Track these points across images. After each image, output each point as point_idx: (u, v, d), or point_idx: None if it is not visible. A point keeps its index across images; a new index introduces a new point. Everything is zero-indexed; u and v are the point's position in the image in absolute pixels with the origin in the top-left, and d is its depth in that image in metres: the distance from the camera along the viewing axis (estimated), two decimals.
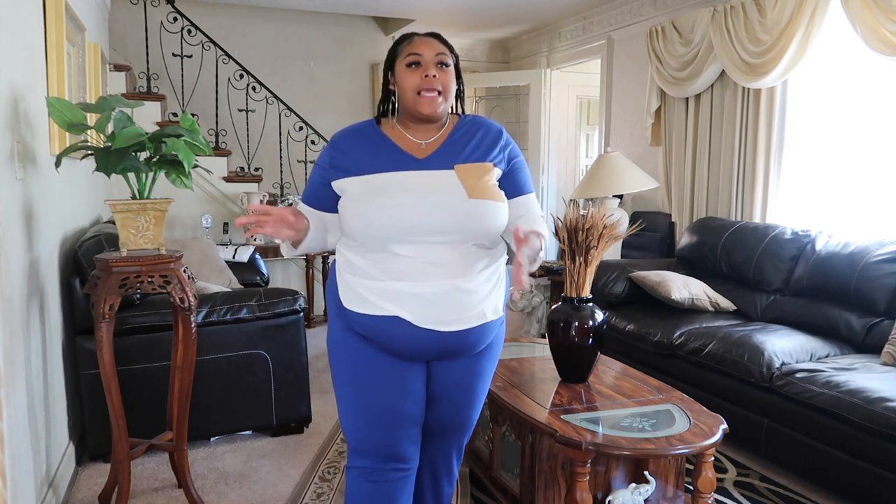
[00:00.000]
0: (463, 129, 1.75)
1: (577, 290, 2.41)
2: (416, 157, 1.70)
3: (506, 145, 1.78)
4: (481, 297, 1.68)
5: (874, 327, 3.08)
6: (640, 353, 3.57)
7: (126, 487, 2.32)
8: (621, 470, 2.20)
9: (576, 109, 6.77)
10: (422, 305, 1.63)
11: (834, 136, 3.86)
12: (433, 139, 1.72)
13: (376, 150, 1.71)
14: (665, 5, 4.82)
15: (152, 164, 2.23)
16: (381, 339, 1.68)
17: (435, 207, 1.62)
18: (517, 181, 1.80)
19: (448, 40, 1.75)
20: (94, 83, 3.68)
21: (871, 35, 3.17)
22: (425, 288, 1.62)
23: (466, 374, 1.78)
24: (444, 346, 1.68)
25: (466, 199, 1.63)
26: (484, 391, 1.85)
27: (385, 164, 1.68)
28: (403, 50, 1.71)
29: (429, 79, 1.66)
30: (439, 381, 1.77)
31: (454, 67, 1.73)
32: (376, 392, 1.71)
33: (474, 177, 1.66)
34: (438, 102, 1.67)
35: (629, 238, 4.56)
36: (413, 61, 1.68)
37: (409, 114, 1.71)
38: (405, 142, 1.72)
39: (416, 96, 1.66)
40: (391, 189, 1.64)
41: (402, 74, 1.69)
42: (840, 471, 2.52)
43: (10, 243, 1.91)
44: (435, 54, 1.68)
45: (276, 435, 3.16)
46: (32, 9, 2.36)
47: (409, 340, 1.66)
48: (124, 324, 2.76)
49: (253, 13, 5.86)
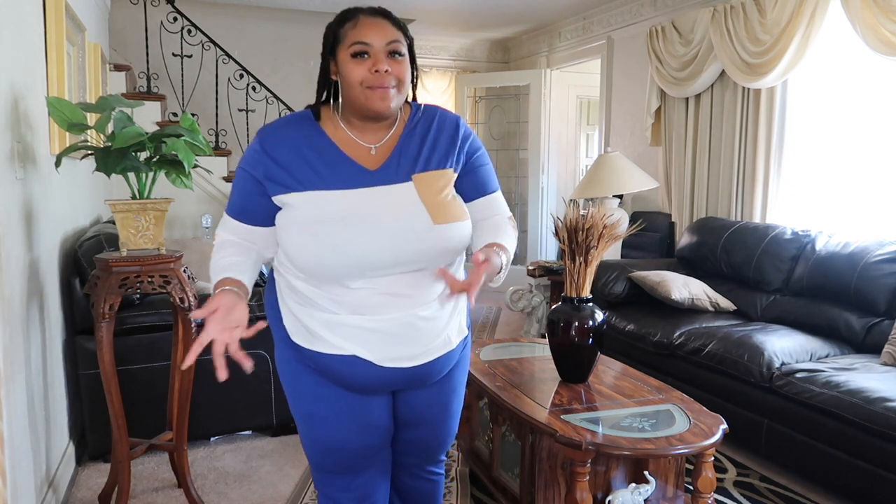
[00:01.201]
0: (416, 125, 1.48)
1: (577, 290, 2.41)
2: (367, 167, 1.42)
3: (464, 139, 1.51)
4: (444, 322, 1.50)
5: (874, 327, 3.08)
6: (640, 353, 3.57)
7: (126, 487, 2.32)
8: (621, 470, 2.20)
9: (576, 109, 6.77)
10: (382, 341, 1.43)
11: (834, 136, 3.86)
12: (384, 141, 1.45)
13: (317, 158, 1.41)
14: (665, 5, 4.82)
15: (152, 164, 2.23)
16: (339, 377, 1.48)
17: (396, 238, 1.37)
18: (480, 179, 1.55)
19: (398, 19, 1.45)
20: (94, 83, 3.68)
21: (871, 35, 3.17)
22: (384, 323, 1.42)
23: (440, 393, 1.61)
24: (409, 378, 1.51)
25: (432, 227, 1.39)
26: (459, 405, 1.70)
27: (329, 179, 1.39)
28: (347, 35, 1.39)
29: (379, 75, 1.36)
30: (410, 407, 1.60)
31: (409, 52, 1.43)
32: (336, 430, 1.52)
33: (436, 191, 1.42)
34: (391, 97, 1.38)
35: (629, 238, 4.56)
36: (359, 51, 1.37)
37: (355, 110, 1.42)
38: (351, 146, 1.43)
39: (365, 90, 1.37)
40: (342, 217, 1.37)
41: (347, 65, 1.38)
42: (840, 471, 2.52)
43: (10, 243, 1.91)
44: (386, 42, 1.38)
45: (276, 435, 3.16)
46: (32, 9, 2.35)
47: (371, 378, 1.47)
48: (124, 324, 2.76)
49: (253, 13, 5.86)
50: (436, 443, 1.71)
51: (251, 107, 5.33)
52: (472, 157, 1.53)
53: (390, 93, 1.38)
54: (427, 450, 1.72)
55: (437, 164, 1.46)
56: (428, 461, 1.75)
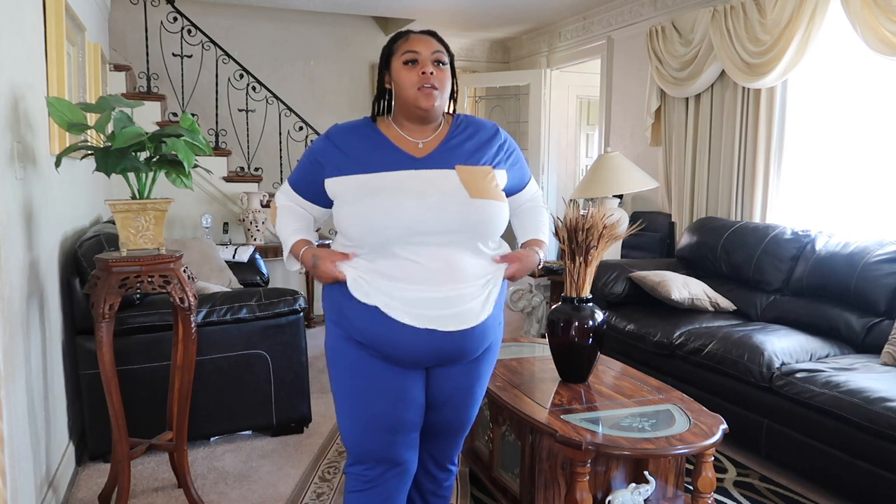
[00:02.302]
0: (460, 130, 1.75)
1: (577, 290, 2.41)
2: (415, 156, 1.69)
3: (504, 142, 1.79)
4: (481, 300, 1.68)
5: (874, 327, 3.08)
6: (640, 353, 3.57)
7: (126, 487, 2.32)
8: (621, 470, 2.20)
9: (576, 109, 6.77)
10: (421, 307, 1.62)
11: (834, 136, 3.86)
12: (430, 139, 1.72)
13: (373, 149, 1.69)
14: (665, 5, 4.82)
15: (152, 164, 2.23)
16: (380, 344, 1.66)
17: (437, 207, 1.61)
18: (520, 173, 1.84)
19: (445, 39, 1.75)
20: (94, 83, 3.68)
21: (871, 35, 3.17)
22: (425, 291, 1.61)
23: (466, 379, 1.78)
24: (443, 349, 1.67)
25: (469, 199, 1.63)
26: (482, 393, 1.86)
27: (383, 164, 1.66)
28: (400, 48, 1.70)
29: (426, 76, 1.65)
30: (440, 387, 1.77)
31: (450, 66, 1.72)
32: (375, 401, 1.70)
33: (476, 178, 1.66)
34: (436, 96, 1.67)
35: (629, 238, 4.56)
36: (410, 59, 1.67)
37: (405, 112, 1.71)
38: (402, 141, 1.71)
39: (415, 91, 1.65)
40: (391, 189, 1.62)
41: (400, 72, 1.68)
42: (840, 471, 2.52)
43: (10, 243, 1.91)
44: (432, 52, 1.67)
45: (276, 435, 3.16)
46: (32, 9, 2.36)
47: (408, 344, 1.64)
48: (124, 324, 2.76)
49: (253, 13, 5.86)
50: (454, 426, 1.85)
51: (251, 107, 5.33)
52: (511, 157, 1.81)
53: (434, 93, 1.66)
54: (444, 431, 1.85)
55: (477, 162, 1.71)
56: (442, 453, 1.90)
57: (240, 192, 5.25)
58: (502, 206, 1.69)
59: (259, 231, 5.15)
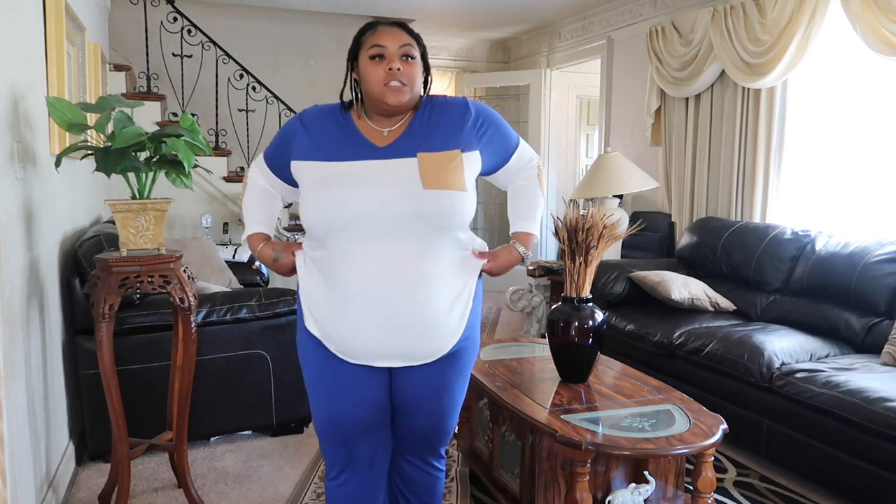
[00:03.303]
0: (426, 115, 1.67)
1: (577, 290, 2.41)
2: (377, 145, 1.63)
3: (475, 118, 1.69)
4: (446, 301, 1.62)
5: (874, 327, 3.08)
6: (640, 353, 3.57)
7: (126, 487, 2.32)
8: (621, 470, 2.20)
9: (576, 109, 6.77)
10: (374, 307, 1.58)
11: (834, 136, 3.86)
12: (396, 126, 1.66)
13: (338, 136, 1.65)
14: (665, 5, 4.82)
15: (152, 164, 2.23)
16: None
17: (386, 198, 1.55)
18: (499, 143, 1.74)
19: (413, 29, 1.67)
20: (94, 83, 3.68)
21: (871, 35, 3.17)
22: (376, 289, 1.57)
23: (431, 383, 1.71)
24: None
25: (422, 190, 1.56)
26: (455, 402, 1.78)
27: (343, 153, 1.62)
28: (367, 41, 1.63)
29: (392, 72, 1.57)
30: (403, 391, 1.72)
31: (421, 58, 1.65)
32: (334, 400, 1.69)
33: (437, 165, 1.59)
34: (404, 93, 1.59)
35: (629, 238, 4.55)
36: (376, 53, 1.59)
37: (373, 105, 1.64)
38: (368, 130, 1.66)
39: (382, 88, 1.59)
40: (342, 180, 1.58)
41: (366, 67, 1.61)
42: (840, 471, 2.52)
43: (10, 243, 1.91)
44: (399, 46, 1.60)
45: (276, 435, 3.16)
46: (32, 9, 2.35)
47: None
48: (124, 324, 2.76)
49: (253, 13, 5.86)
50: (434, 431, 1.79)
51: (251, 107, 5.33)
52: (486, 133, 1.70)
53: (403, 89, 1.59)
54: (426, 438, 1.81)
55: (444, 146, 1.63)
56: (428, 451, 1.84)
57: (240, 192, 5.23)
58: (460, 197, 1.59)
59: None
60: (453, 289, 1.65)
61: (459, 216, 1.61)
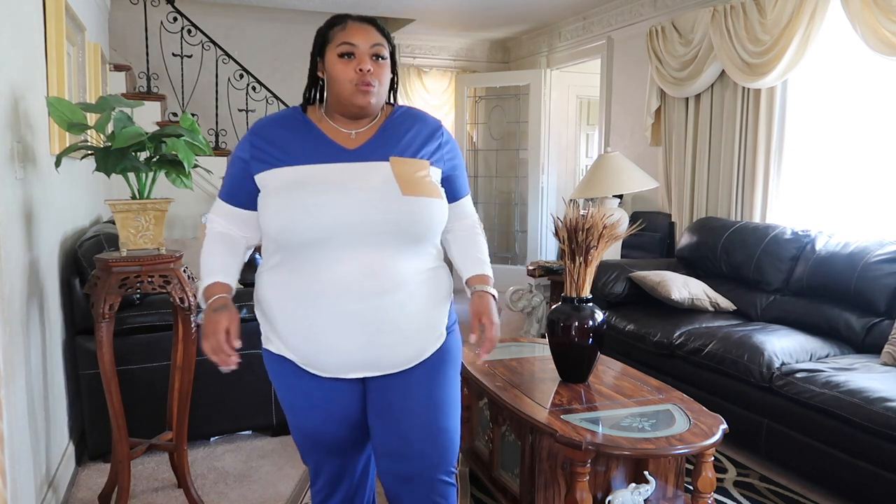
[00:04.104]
0: (397, 120, 1.60)
1: (577, 290, 2.41)
2: (346, 147, 1.54)
3: (445, 142, 1.62)
4: (416, 312, 1.54)
5: (874, 327, 3.07)
6: (640, 353, 3.57)
7: (126, 487, 2.32)
8: (621, 470, 2.20)
9: (576, 109, 6.77)
10: (344, 316, 1.48)
11: (834, 136, 3.86)
12: (364, 129, 1.57)
13: (301, 139, 1.54)
14: (665, 5, 4.82)
15: (152, 164, 2.23)
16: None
17: (363, 205, 1.46)
18: (456, 185, 1.67)
19: (383, 27, 1.59)
20: (94, 83, 3.68)
21: (871, 35, 3.17)
22: (350, 302, 1.47)
23: (404, 394, 1.57)
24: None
25: (400, 197, 1.47)
26: (449, 401, 1.61)
27: (310, 155, 1.51)
28: (336, 36, 1.53)
29: (363, 74, 1.49)
30: (374, 403, 1.60)
31: (390, 58, 1.56)
32: (306, 417, 1.63)
33: (411, 172, 1.51)
34: (373, 94, 1.51)
35: (629, 238, 4.55)
36: (346, 52, 1.50)
37: (339, 106, 1.54)
38: (333, 132, 1.56)
39: (351, 87, 1.50)
40: (313, 183, 1.47)
41: (335, 65, 1.51)
42: (840, 471, 2.52)
43: (10, 243, 1.91)
44: (371, 45, 1.51)
45: (276, 435, 3.16)
46: (32, 9, 2.35)
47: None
48: (124, 324, 2.76)
49: (253, 13, 5.86)
50: (403, 454, 1.58)
51: (251, 107, 5.32)
52: (451, 163, 1.64)
53: (371, 90, 1.50)
54: (423, 450, 1.58)
55: (415, 155, 1.56)
56: (431, 468, 1.60)
57: None
58: (439, 204, 1.54)
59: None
60: (428, 297, 1.57)
61: (438, 224, 1.55)
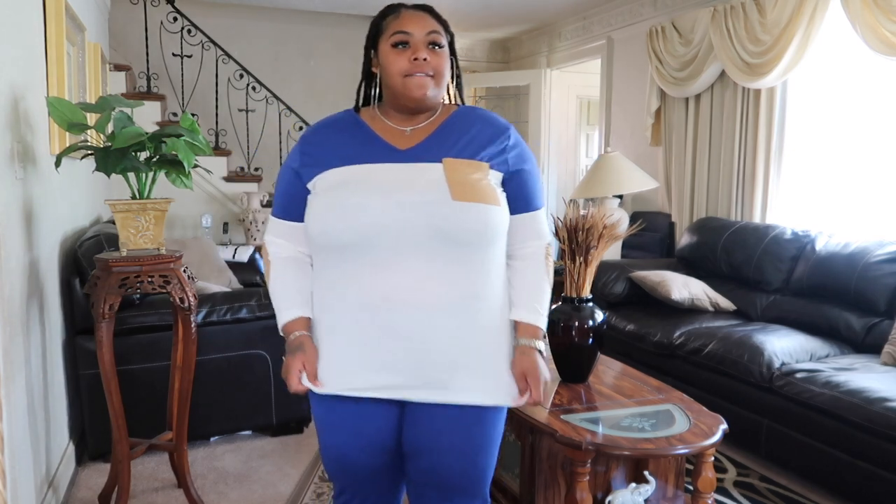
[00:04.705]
0: (459, 119, 1.46)
1: (577, 290, 2.41)
2: (397, 147, 1.42)
3: (512, 146, 1.45)
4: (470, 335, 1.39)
5: (874, 327, 3.07)
6: (640, 353, 3.57)
7: (126, 487, 2.32)
8: (621, 470, 2.20)
9: (576, 109, 6.77)
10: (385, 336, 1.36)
11: (834, 136, 3.85)
12: (420, 126, 1.45)
13: (350, 140, 1.44)
14: (665, 5, 4.82)
15: (152, 163, 2.23)
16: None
17: (407, 209, 1.33)
18: (521, 193, 1.46)
19: (440, 14, 1.48)
20: (94, 83, 3.68)
21: (871, 35, 3.17)
22: (392, 315, 1.35)
23: (456, 422, 1.43)
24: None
25: (449, 202, 1.33)
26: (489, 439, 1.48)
27: (357, 155, 1.41)
28: (389, 26, 1.42)
29: (418, 63, 1.37)
30: (418, 428, 1.45)
31: (448, 47, 1.45)
32: (334, 437, 1.49)
33: (465, 174, 1.37)
34: (428, 86, 1.39)
35: (629, 238, 4.55)
36: (400, 41, 1.39)
37: (394, 101, 1.44)
38: (386, 130, 1.45)
39: (404, 80, 1.38)
40: (355, 184, 1.36)
41: (388, 56, 1.40)
42: (840, 471, 2.52)
43: (10, 243, 1.91)
44: (426, 33, 1.40)
45: (276, 435, 3.16)
46: (32, 9, 2.35)
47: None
48: (124, 324, 2.76)
49: (253, 13, 5.86)
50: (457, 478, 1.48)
51: (251, 107, 5.33)
52: (520, 168, 1.46)
53: (428, 82, 1.39)
54: (452, 482, 1.49)
55: (472, 157, 1.41)
56: (465, 499, 1.53)
57: (240, 192, 5.25)
58: (496, 211, 1.37)
59: (259, 231, 5.16)
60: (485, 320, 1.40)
61: (492, 232, 1.38)
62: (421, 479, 1.50)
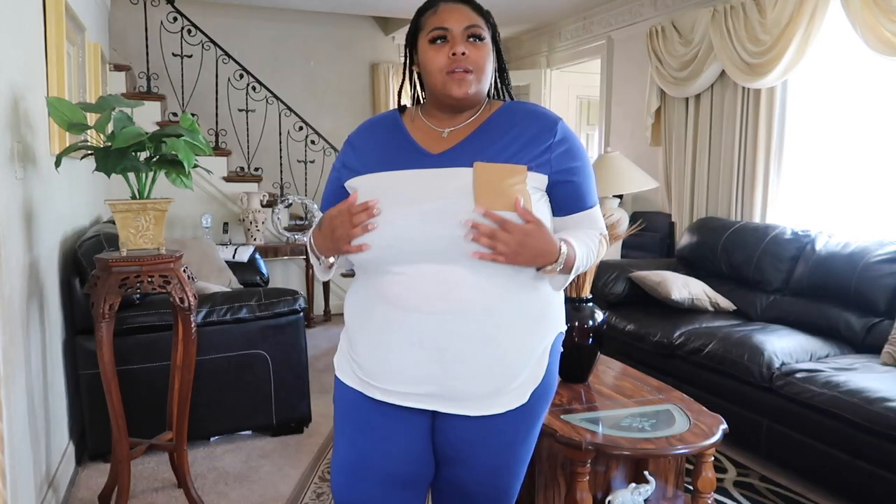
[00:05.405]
0: (501, 117, 1.39)
1: (577, 290, 2.41)
2: (430, 151, 1.36)
3: (558, 142, 1.35)
4: (499, 346, 1.32)
5: (874, 327, 3.08)
6: (640, 353, 3.57)
7: (126, 487, 2.32)
8: (621, 470, 2.20)
9: (576, 109, 6.77)
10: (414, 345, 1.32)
11: (834, 136, 3.85)
12: (460, 127, 1.38)
13: (384, 143, 1.40)
14: (665, 5, 4.82)
15: (152, 163, 2.23)
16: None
17: (429, 218, 1.27)
18: (574, 193, 1.39)
19: (481, 6, 1.41)
20: (94, 83, 3.68)
21: (871, 35, 3.17)
22: (420, 325, 1.31)
23: (479, 442, 1.40)
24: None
25: (470, 211, 1.26)
26: (505, 481, 1.45)
27: (388, 161, 1.36)
28: (427, 22, 1.37)
29: (457, 58, 1.32)
30: (447, 437, 1.42)
31: (491, 40, 1.38)
32: (356, 443, 1.43)
33: (497, 180, 1.28)
34: (470, 82, 1.33)
35: (629, 238, 4.55)
36: (438, 36, 1.34)
37: (435, 99, 1.39)
38: (423, 132, 1.40)
39: (444, 77, 1.33)
40: (383, 193, 1.31)
41: (426, 52, 1.35)
42: (840, 471, 2.52)
43: (10, 243, 1.91)
44: (465, 26, 1.33)
45: (276, 435, 3.16)
46: (32, 9, 2.35)
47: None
48: (124, 324, 2.76)
49: (253, 13, 5.86)
50: (487, 488, 1.45)
51: (251, 107, 5.33)
52: (564, 167, 1.36)
53: (468, 77, 1.33)
54: (475, 497, 1.47)
55: (511, 159, 1.32)
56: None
57: (240, 192, 5.25)
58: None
59: (259, 231, 5.16)
60: (516, 332, 1.35)
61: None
62: (446, 487, 1.49)
